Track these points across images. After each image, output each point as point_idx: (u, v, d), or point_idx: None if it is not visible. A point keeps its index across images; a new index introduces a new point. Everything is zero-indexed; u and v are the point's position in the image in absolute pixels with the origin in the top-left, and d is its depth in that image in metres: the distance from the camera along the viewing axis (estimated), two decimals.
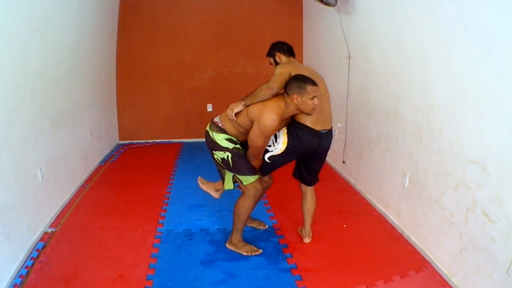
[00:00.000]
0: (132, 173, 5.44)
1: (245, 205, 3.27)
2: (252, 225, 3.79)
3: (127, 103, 6.84)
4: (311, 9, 6.32)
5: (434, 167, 3.18)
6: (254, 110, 2.99)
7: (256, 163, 3.21)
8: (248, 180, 3.21)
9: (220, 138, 3.16)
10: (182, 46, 6.74)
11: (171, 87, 6.90)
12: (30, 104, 3.49)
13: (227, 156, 3.15)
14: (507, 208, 2.40)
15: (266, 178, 3.47)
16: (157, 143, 7.01)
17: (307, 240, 3.56)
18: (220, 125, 3.19)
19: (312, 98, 2.88)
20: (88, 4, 5.01)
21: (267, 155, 3.18)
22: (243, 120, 3.07)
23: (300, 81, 2.91)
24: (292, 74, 3.03)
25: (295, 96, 2.89)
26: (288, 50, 3.42)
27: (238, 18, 6.75)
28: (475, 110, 2.67)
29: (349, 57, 4.78)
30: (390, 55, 3.87)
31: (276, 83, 2.98)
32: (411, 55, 3.47)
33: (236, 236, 3.40)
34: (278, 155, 3.16)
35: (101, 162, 5.75)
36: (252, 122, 3.00)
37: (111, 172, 5.46)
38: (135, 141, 6.98)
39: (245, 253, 3.35)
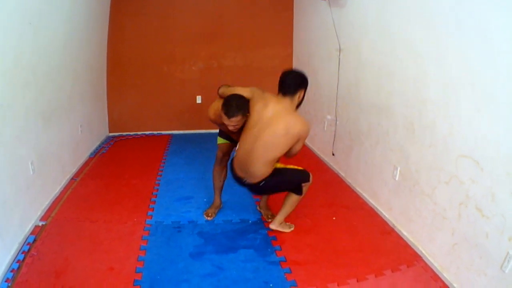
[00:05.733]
0: (121, 165, 5.40)
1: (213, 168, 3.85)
2: (262, 211, 3.95)
3: (117, 96, 6.78)
4: (302, 2, 6.29)
5: (426, 161, 3.18)
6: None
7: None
8: (218, 140, 3.76)
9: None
10: (172, 39, 6.69)
11: (160, 79, 6.86)
12: (23, 98, 3.46)
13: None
14: (500, 203, 2.40)
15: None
16: (146, 135, 6.98)
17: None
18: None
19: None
20: None
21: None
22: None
23: (224, 103, 3.15)
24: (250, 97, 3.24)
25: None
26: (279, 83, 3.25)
27: (228, 11, 6.71)
28: (468, 105, 2.66)
29: (340, 50, 4.77)
30: (382, 49, 3.85)
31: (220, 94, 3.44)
32: (404, 49, 3.46)
33: (216, 198, 3.97)
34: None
35: (91, 154, 5.69)
36: None
37: (100, 164, 5.41)
38: (124, 133, 6.94)
39: (205, 215, 3.86)
